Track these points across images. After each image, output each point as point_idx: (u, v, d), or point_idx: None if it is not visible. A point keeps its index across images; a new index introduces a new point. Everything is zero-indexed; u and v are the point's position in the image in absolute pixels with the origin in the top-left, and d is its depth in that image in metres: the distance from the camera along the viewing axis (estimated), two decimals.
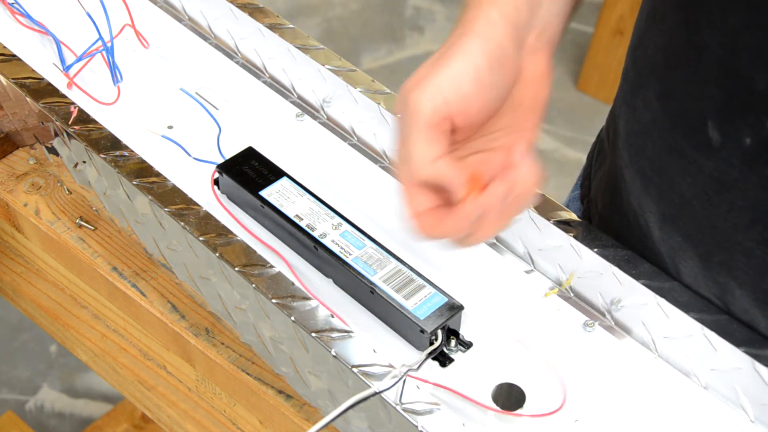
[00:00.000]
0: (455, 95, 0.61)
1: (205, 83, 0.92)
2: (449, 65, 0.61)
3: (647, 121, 0.69)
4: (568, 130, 2.30)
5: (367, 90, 0.84)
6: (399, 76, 2.36)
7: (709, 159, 0.64)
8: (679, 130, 0.66)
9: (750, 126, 0.60)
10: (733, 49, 0.60)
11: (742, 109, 0.60)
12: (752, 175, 0.62)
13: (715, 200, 0.65)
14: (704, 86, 0.63)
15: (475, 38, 0.62)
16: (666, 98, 0.67)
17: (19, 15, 0.93)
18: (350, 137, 0.88)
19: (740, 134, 0.61)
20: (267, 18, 0.91)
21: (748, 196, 0.63)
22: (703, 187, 0.65)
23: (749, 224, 0.64)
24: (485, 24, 0.62)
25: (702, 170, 0.65)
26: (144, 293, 0.82)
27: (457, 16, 0.66)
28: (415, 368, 0.66)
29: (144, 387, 0.92)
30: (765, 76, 0.58)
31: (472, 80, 0.61)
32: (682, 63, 0.64)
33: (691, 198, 0.67)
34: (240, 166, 0.81)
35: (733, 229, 0.65)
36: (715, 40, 0.61)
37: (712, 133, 0.63)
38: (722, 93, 0.61)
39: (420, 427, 0.62)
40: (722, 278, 0.69)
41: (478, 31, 0.62)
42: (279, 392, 0.75)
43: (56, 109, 0.80)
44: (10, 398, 1.79)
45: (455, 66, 0.61)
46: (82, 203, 0.87)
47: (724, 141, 0.62)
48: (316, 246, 0.76)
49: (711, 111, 0.63)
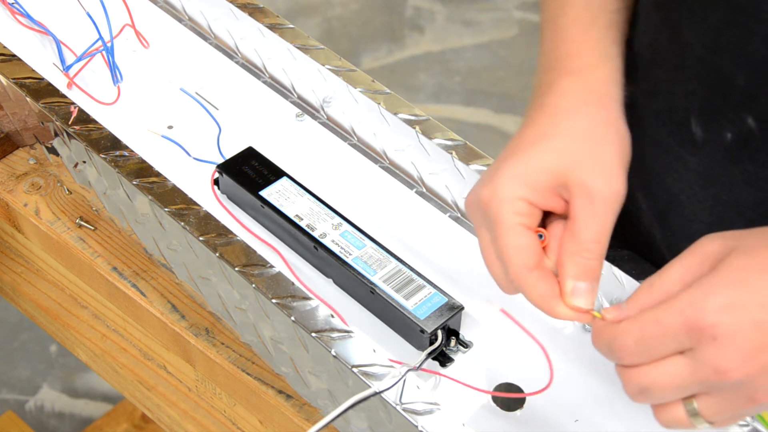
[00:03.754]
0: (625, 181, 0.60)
1: (205, 83, 0.92)
2: (619, 157, 0.59)
3: (633, 118, 0.70)
4: None
5: (367, 90, 0.84)
6: (399, 76, 2.36)
7: (694, 155, 0.65)
8: (664, 127, 0.66)
9: (731, 122, 0.61)
10: (714, 47, 0.61)
11: (723, 105, 0.61)
12: (735, 170, 0.62)
13: (700, 195, 0.66)
14: (687, 83, 0.63)
15: (622, 125, 0.61)
16: (651, 95, 0.67)
17: (19, 15, 0.93)
18: (350, 137, 0.88)
19: (722, 130, 0.62)
20: (267, 18, 0.91)
21: (732, 191, 0.63)
22: (689, 183, 0.66)
23: (734, 219, 0.65)
24: (619, 107, 0.62)
25: (687, 166, 0.65)
26: (144, 293, 0.82)
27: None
28: (415, 368, 0.66)
29: (144, 387, 0.92)
30: (745, 73, 0.59)
31: (627, 166, 0.60)
32: (666, 60, 0.65)
33: (678, 193, 0.67)
34: (240, 166, 0.81)
35: (719, 224, 0.66)
36: (697, 38, 0.62)
37: (695, 129, 0.63)
38: (704, 90, 0.62)
39: (420, 427, 0.62)
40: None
41: (620, 116, 0.61)
42: (279, 392, 0.75)
43: (56, 109, 0.80)
44: (10, 398, 1.79)
45: (623, 158, 0.60)
46: (82, 203, 0.87)
47: (706, 137, 0.63)
48: (316, 246, 0.76)
49: (694, 107, 0.64)
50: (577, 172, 0.58)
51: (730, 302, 0.49)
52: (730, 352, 0.49)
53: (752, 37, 0.58)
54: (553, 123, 0.60)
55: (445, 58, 2.40)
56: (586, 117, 0.60)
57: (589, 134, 0.59)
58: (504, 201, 0.58)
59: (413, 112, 0.83)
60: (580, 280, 0.57)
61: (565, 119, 0.60)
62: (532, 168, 0.58)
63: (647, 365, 0.52)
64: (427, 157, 0.82)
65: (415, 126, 0.81)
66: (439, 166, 0.81)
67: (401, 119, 0.82)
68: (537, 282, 0.57)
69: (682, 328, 0.50)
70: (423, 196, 0.83)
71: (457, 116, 2.27)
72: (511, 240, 0.58)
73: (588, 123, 0.59)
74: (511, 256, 0.58)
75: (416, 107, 0.83)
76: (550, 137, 0.59)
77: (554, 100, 0.61)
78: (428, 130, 0.81)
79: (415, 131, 0.81)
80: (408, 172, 0.84)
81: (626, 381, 0.53)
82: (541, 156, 0.59)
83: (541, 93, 0.62)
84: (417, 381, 0.65)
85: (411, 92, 2.32)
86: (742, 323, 0.49)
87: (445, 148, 0.80)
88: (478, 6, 2.53)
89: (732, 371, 0.49)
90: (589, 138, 0.59)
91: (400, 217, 0.82)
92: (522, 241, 0.58)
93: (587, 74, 0.62)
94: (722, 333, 0.49)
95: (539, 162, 0.58)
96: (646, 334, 0.51)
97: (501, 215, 0.58)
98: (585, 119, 0.60)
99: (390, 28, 2.49)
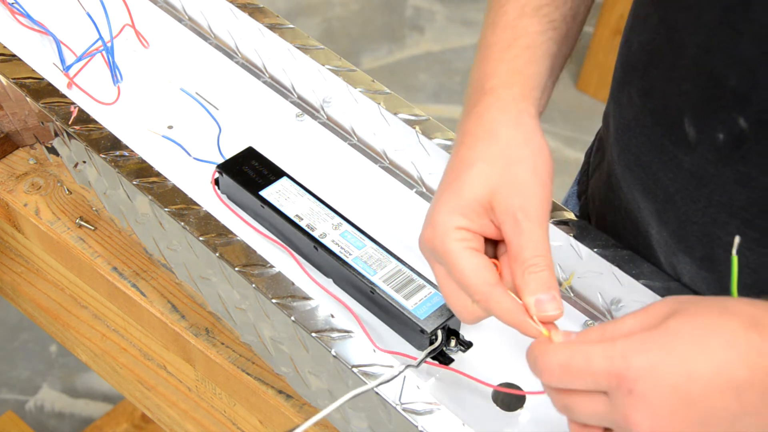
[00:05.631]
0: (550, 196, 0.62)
1: (205, 83, 0.92)
2: (539, 174, 0.62)
3: (631, 117, 0.71)
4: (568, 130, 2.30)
5: (367, 90, 0.84)
6: (399, 76, 2.36)
7: (687, 155, 0.65)
8: (659, 127, 0.67)
9: (723, 122, 0.62)
10: (706, 47, 0.61)
11: (715, 105, 0.62)
12: (727, 171, 0.63)
13: (694, 195, 0.66)
14: (681, 83, 0.64)
15: (539, 140, 0.64)
16: (647, 95, 0.68)
17: (19, 15, 0.93)
18: (350, 137, 0.88)
19: (714, 130, 0.63)
20: (267, 18, 0.91)
21: (724, 191, 0.64)
22: (683, 183, 0.67)
23: (727, 219, 0.65)
24: (534, 123, 0.64)
25: (681, 166, 0.66)
26: (144, 293, 0.82)
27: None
28: (414, 366, 0.66)
29: (144, 387, 0.92)
30: (736, 73, 0.60)
31: (550, 181, 0.62)
32: (661, 60, 0.66)
33: (674, 193, 0.68)
34: (240, 166, 0.81)
35: (713, 224, 0.66)
36: (690, 38, 0.62)
37: (688, 130, 0.64)
38: (697, 90, 0.63)
39: (420, 427, 0.62)
40: (705, 273, 0.69)
41: (535, 132, 0.64)
42: (279, 392, 0.75)
43: (56, 109, 0.80)
44: (10, 398, 1.79)
45: (543, 175, 0.62)
46: (82, 203, 0.87)
47: (699, 137, 0.64)
48: (316, 246, 0.76)
49: (687, 108, 0.64)
50: (498, 197, 0.61)
51: (655, 364, 0.51)
52: (642, 409, 0.51)
53: (742, 38, 0.58)
54: (473, 149, 0.64)
55: (445, 58, 2.40)
56: (500, 141, 0.63)
57: (503, 158, 0.62)
58: (445, 233, 0.61)
59: (413, 112, 0.83)
60: (538, 293, 0.59)
61: (482, 146, 0.63)
62: (463, 199, 0.62)
63: (569, 391, 0.54)
64: (427, 157, 0.82)
65: (415, 126, 0.82)
66: (439, 166, 0.81)
67: (401, 119, 0.82)
68: (502, 297, 0.60)
69: (605, 373, 0.52)
70: (423, 196, 0.83)
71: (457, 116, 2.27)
72: (465, 263, 0.61)
73: (502, 146, 0.63)
74: (470, 277, 0.60)
75: (416, 107, 0.83)
76: (469, 166, 0.63)
77: (472, 127, 0.65)
78: (428, 130, 0.81)
79: (415, 131, 0.81)
80: (408, 172, 0.84)
81: (552, 396, 0.56)
82: (466, 186, 0.62)
83: (465, 113, 0.66)
84: (417, 381, 0.65)
85: (411, 92, 2.32)
86: (659, 386, 0.50)
87: (445, 148, 0.80)
88: (478, 6, 2.53)
89: (640, 425, 0.51)
90: (504, 162, 0.62)
91: (400, 217, 0.82)
92: (476, 261, 0.61)
93: (501, 92, 0.65)
94: (638, 390, 0.51)
95: (466, 193, 0.62)
96: (572, 364, 0.53)
97: (447, 246, 0.61)
98: (499, 143, 0.63)
99: (390, 28, 2.49)
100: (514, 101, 0.65)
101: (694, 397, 0.50)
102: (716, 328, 0.51)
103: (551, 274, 0.60)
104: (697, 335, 0.51)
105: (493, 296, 0.60)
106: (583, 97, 2.37)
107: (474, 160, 0.63)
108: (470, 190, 0.62)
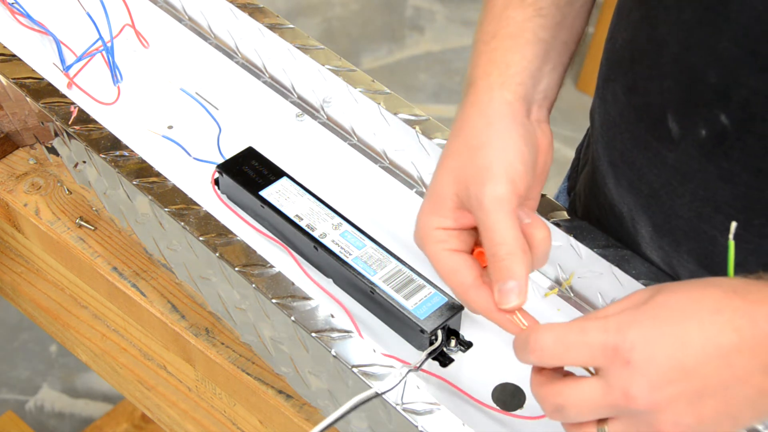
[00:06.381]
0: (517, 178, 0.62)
1: (205, 83, 0.92)
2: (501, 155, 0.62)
3: (616, 113, 0.71)
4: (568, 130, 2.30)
5: (367, 90, 0.84)
6: (399, 76, 2.36)
7: (671, 151, 0.66)
8: (643, 123, 0.68)
9: (704, 119, 0.62)
10: (687, 44, 0.62)
11: (697, 102, 0.63)
12: (710, 166, 0.64)
13: (679, 191, 0.67)
14: (663, 80, 0.65)
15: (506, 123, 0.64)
16: (631, 92, 0.69)
17: (19, 15, 0.93)
18: (350, 137, 0.88)
19: (696, 127, 0.63)
20: (267, 18, 0.91)
21: (708, 187, 0.65)
22: (668, 178, 0.67)
23: (712, 214, 0.66)
24: (506, 108, 0.65)
25: (665, 162, 0.67)
26: (144, 293, 0.82)
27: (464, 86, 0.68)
28: (415, 368, 0.66)
29: (144, 387, 0.92)
30: (717, 70, 0.60)
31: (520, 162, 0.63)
32: (644, 57, 0.66)
33: (659, 188, 0.68)
34: (240, 166, 0.81)
35: (698, 219, 0.67)
36: (672, 35, 0.63)
37: (671, 126, 0.65)
38: (679, 87, 0.64)
39: (420, 427, 0.62)
40: (692, 267, 0.70)
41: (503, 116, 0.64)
42: (279, 392, 0.75)
43: (56, 109, 0.80)
44: (10, 398, 1.79)
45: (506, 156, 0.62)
46: (82, 203, 0.87)
47: (682, 133, 0.65)
48: (316, 246, 0.76)
49: (670, 104, 0.65)
50: (461, 187, 0.62)
51: (649, 334, 0.52)
52: (640, 380, 0.51)
53: (722, 35, 0.59)
54: (445, 147, 0.66)
55: (445, 58, 2.40)
56: (463, 131, 0.65)
57: (466, 147, 0.63)
58: (424, 237, 0.64)
59: (413, 112, 0.83)
60: (502, 281, 0.60)
61: (450, 142, 0.65)
62: (436, 197, 0.64)
63: (562, 384, 0.55)
64: (427, 157, 0.82)
65: (415, 126, 0.82)
66: None
67: (401, 119, 0.82)
68: (476, 297, 0.61)
69: (601, 345, 0.53)
70: (423, 196, 0.83)
71: None
72: (441, 266, 0.63)
73: (465, 136, 0.64)
74: (446, 279, 0.63)
75: (416, 107, 0.83)
76: (439, 164, 0.65)
77: (455, 122, 0.66)
78: (428, 130, 0.81)
79: (415, 131, 0.81)
80: (408, 172, 0.84)
81: (542, 399, 0.56)
82: (437, 184, 0.64)
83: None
84: (417, 381, 0.65)
85: (411, 92, 2.32)
86: (656, 355, 0.51)
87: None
88: (478, 6, 2.52)
89: (639, 398, 0.52)
90: (467, 151, 0.63)
91: (400, 217, 0.82)
92: (452, 263, 0.62)
93: (478, 84, 0.66)
94: (636, 360, 0.52)
95: (438, 190, 0.64)
96: (567, 337, 0.54)
97: (427, 249, 0.64)
98: (463, 134, 0.65)
99: (390, 28, 2.49)
100: (487, 90, 0.65)
101: (688, 368, 0.51)
102: (701, 298, 0.53)
103: (515, 260, 0.60)
104: (685, 305, 0.53)
105: (468, 297, 0.62)
106: (583, 97, 2.37)
107: (442, 157, 0.65)
108: (440, 187, 0.63)
